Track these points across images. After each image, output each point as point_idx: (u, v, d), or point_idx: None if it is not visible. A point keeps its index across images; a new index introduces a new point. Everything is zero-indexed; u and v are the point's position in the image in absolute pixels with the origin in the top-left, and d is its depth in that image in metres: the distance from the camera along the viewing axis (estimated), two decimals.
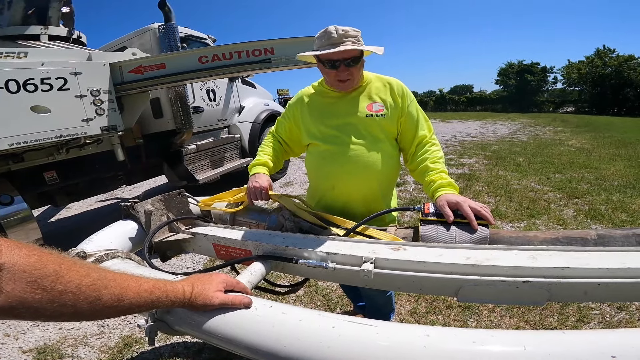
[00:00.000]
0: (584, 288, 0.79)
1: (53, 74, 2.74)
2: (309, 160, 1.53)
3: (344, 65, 1.29)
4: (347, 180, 1.39)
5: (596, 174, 5.34)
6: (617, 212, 3.70)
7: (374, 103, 1.39)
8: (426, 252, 0.94)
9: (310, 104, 1.50)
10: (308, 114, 1.48)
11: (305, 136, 1.49)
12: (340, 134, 1.38)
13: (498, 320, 2.10)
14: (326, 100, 1.46)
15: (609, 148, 7.75)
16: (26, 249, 0.53)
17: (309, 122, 1.47)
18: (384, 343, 0.60)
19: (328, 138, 1.41)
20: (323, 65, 1.34)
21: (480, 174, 5.72)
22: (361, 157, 1.36)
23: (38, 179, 3.22)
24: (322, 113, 1.45)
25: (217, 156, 4.99)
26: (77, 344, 2.17)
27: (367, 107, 1.39)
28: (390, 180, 1.49)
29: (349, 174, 1.37)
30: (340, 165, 1.38)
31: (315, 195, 1.54)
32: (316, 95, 1.51)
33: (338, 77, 1.33)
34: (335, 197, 1.45)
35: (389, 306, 1.87)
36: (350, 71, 1.31)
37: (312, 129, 1.45)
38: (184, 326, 0.81)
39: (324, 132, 1.42)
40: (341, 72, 1.31)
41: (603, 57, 25.66)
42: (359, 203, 1.43)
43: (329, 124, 1.42)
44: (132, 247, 1.38)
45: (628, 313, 2.09)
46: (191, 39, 4.72)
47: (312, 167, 1.51)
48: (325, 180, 1.45)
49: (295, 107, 1.54)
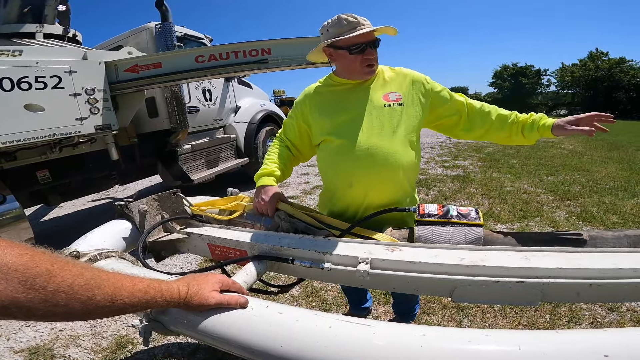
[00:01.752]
0: (577, 289, 0.81)
1: (48, 72, 2.71)
2: (322, 159, 1.43)
3: (370, 47, 1.27)
4: (365, 176, 1.29)
5: (588, 176, 5.40)
6: (609, 214, 3.74)
7: (390, 93, 1.33)
8: (421, 253, 0.95)
9: (319, 99, 1.41)
10: (318, 110, 1.39)
11: (317, 133, 1.41)
12: (355, 127, 1.30)
13: (492, 321, 2.12)
14: (337, 93, 1.39)
15: (601, 151, 7.85)
16: (18, 248, 0.52)
17: (319, 118, 1.38)
18: (381, 343, 0.60)
19: (342, 132, 1.32)
20: (347, 52, 1.27)
21: (475, 175, 5.75)
22: (380, 150, 1.27)
23: (30, 177, 3.18)
24: (333, 107, 1.36)
25: (213, 156, 4.97)
26: (69, 344, 2.14)
27: (383, 98, 1.32)
28: (412, 173, 1.41)
29: (366, 168, 1.28)
30: (356, 159, 1.28)
31: (331, 197, 1.45)
32: (325, 89, 1.43)
33: (366, 61, 1.28)
34: (354, 196, 1.36)
35: (415, 297, 1.87)
36: (375, 55, 1.29)
37: (323, 124, 1.37)
38: (180, 326, 0.81)
39: (337, 126, 1.33)
40: (368, 54, 1.27)
41: (596, 60, 25.99)
42: (380, 200, 1.34)
43: (342, 117, 1.33)
44: (125, 247, 1.37)
45: (619, 314, 2.12)
46: (188, 39, 4.70)
47: (326, 165, 1.42)
48: (341, 178, 1.35)
49: (304, 103, 1.45)
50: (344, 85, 1.38)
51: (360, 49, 1.26)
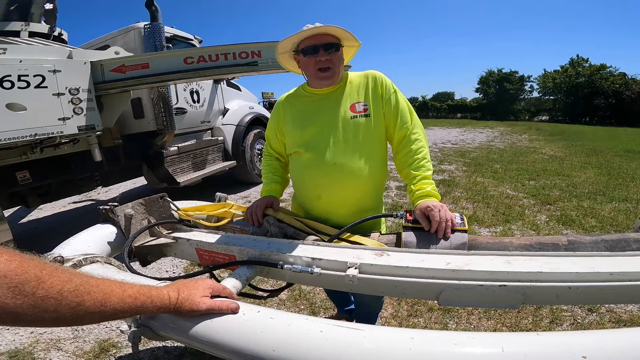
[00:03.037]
0: (556, 291, 0.84)
1: (31, 71, 2.65)
2: (293, 170, 1.47)
3: (323, 49, 1.24)
4: (332, 189, 1.33)
5: (568, 181, 5.58)
6: (587, 217, 3.87)
7: (357, 103, 1.32)
8: (408, 258, 0.97)
9: (291, 109, 1.42)
10: (290, 121, 1.41)
11: (289, 144, 1.43)
12: (323, 140, 1.31)
13: (477, 322, 2.16)
14: (307, 104, 1.39)
15: (580, 156, 8.10)
16: (7, 254, 0.52)
17: (292, 130, 1.40)
18: (371, 346, 0.62)
19: (310, 145, 1.34)
20: (303, 55, 1.28)
21: (460, 180, 5.87)
22: (346, 164, 1.29)
23: (10, 178, 3.09)
24: (303, 118, 1.37)
25: (199, 158, 4.91)
26: (49, 348, 2.09)
27: (350, 108, 1.31)
28: (379, 186, 1.43)
29: (334, 182, 1.31)
30: (324, 174, 1.31)
31: (302, 206, 1.49)
32: (296, 99, 1.43)
33: (318, 64, 1.26)
34: (321, 207, 1.40)
35: (379, 307, 1.89)
36: (330, 58, 1.25)
37: (294, 136, 1.39)
38: (170, 331, 0.81)
39: (306, 139, 1.35)
40: (321, 56, 1.24)
41: (576, 67, 26.72)
42: (346, 212, 1.37)
43: (310, 129, 1.34)
44: (110, 252, 1.35)
45: (599, 315, 2.19)
46: (177, 40, 4.65)
47: (296, 177, 1.45)
48: (310, 190, 1.40)
49: (277, 114, 1.47)
50: (313, 95, 1.39)
51: (313, 51, 1.25)
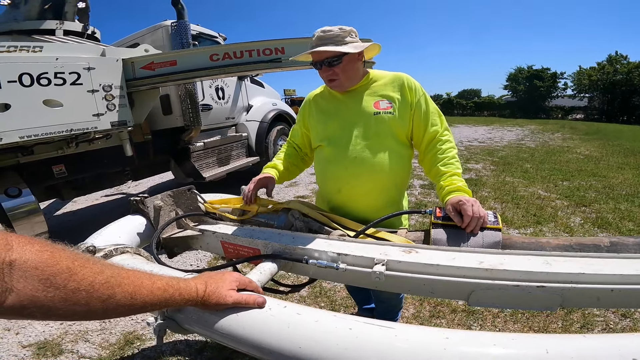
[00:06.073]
0: (597, 294, 0.79)
1: (67, 68, 2.76)
2: (316, 164, 1.53)
3: (325, 65, 1.30)
4: (352, 183, 1.36)
5: (604, 182, 5.29)
6: (625, 220, 3.66)
7: (382, 100, 1.35)
8: (439, 255, 0.94)
9: (317, 105, 1.50)
10: (315, 116, 1.48)
11: (313, 138, 1.50)
12: (345, 135, 1.36)
13: (502, 326, 2.09)
14: (331, 101, 1.45)
15: (618, 156, 7.68)
16: (38, 245, 0.50)
17: (316, 124, 1.47)
18: (403, 345, 0.59)
19: (332, 140, 1.39)
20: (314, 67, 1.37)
21: (487, 179, 5.68)
22: (367, 159, 1.32)
23: (46, 172, 3.24)
24: (327, 114, 1.44)
25: (224, 154, 5.00)
26: (77, 340, 2.16)
27: (374, 105, 1.35)
28: (400, 182, 1.44)
29: (354, 177, 1.34)
30: (344, 167, 1.35)
31: (323, 200, 1.53)
32: (322, 96, 1.50)
33: (326, 77, 1.35)
34: (342, 201, 1.42)
35: (399, 306, 1.87)
36: (334, 71, 1.30)
37: (318, 131, 1.45)
38: (195, 325, 0.80)
39: (328, 134, 1.41)
40: (324, 72, 1.33)
41: (615, 64, 25.37)
42: (366, 206, 1.39)
43: (332, 124, 1.40)
44: (140, 243, 1.38)
45: (632, 320, 2.07)
46: (202, 37, 4.74)
47: (319, 170, 1.50)
48: (331, 183, 1.43)
49: (304, 110, 1.54)
50: (336, 93, 1.44)
51: (317, 65, 1.33)
